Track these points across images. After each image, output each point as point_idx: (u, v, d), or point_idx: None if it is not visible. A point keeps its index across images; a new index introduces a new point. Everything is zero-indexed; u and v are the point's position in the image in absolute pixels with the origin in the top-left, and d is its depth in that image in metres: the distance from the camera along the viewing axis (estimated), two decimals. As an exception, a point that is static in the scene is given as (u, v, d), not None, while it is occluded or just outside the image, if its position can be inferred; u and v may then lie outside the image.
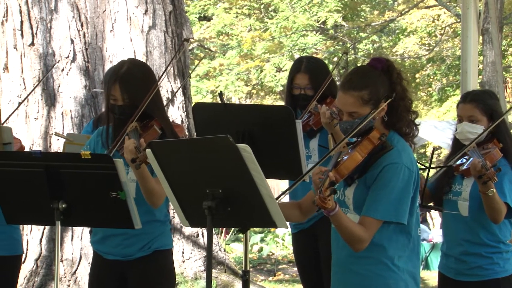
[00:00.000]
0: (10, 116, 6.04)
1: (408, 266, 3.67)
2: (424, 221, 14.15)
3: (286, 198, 4.55)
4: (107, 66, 7.62)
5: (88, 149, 4.27)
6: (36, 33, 7.87)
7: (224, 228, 11.67)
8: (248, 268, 4.25)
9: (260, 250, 11.92)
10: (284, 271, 10.67)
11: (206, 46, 23.70)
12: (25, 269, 7.52)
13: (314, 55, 21.24)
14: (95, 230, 4.35)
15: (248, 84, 23.33)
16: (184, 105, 8.15)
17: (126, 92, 4.15)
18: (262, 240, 12.38)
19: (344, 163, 3.55)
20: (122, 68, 4.21)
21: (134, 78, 4.19)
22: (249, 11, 22.83)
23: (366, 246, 3.56)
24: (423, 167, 4.65)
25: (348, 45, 22.25)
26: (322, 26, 22.25)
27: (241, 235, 12.11)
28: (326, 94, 5.11)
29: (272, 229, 12.25)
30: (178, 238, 7.89)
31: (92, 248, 4.41)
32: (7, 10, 7.96)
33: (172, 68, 8.08)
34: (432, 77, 23.93)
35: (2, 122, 5.42)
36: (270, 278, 10.16)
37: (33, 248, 7.67)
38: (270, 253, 11.84)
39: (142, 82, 4.22)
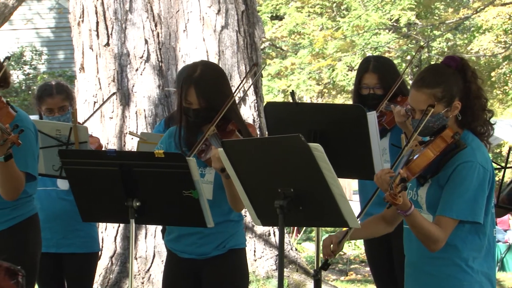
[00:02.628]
0: (90, 117, 6.17)
1: (483, 268, 3.61)
2: None
3: (356, 198, 4.51)
4: (180, 66, 7.69)
5: (161, 148, 4.31)
6: (111, 34, 7.99)
7: (296, 227, 11.66)
8: (319, 268, 4.23)
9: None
10: (356, 271, 10.61)
11: (278, 45, 23.72)
12: (100, 266, 7.64)
13: (386, 54, 21.07)
14: (170, 229, 4.38)
15: (320, 83, 23.26)
16: (256, 104, 8.17)
17: (202, 96, 4.14)
18: (334, 239, 12.31)
19: (415, 161, 3.52)
20: (195, 71, 4.19)
21: (208, 81, 4.18)
22: (321, 10, 22.75)
23: (442, 246, 3.52)
24: (498, 167, 4.57)
25: (422, 43, 22.00)
26: (395, 24, 22.04)
27: (313, 234, 12.10)
28: (396, 93, 5.07)
29: (344, 229, 12.17)
30: (250, 237, 7.92)
31: (167, 247, 4.45)
32: (83, 11, 8.10)
33: (244, 68, 8.11)
34: (508, 75, 23.48)
35: (82, 122, 5.52)
36: (342, 278, 10.11)
37: (108, 245, 7.79)
38: (342, 253, 11.77)
39: (216, 84, 4.22)
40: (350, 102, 5.11)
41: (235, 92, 4.28)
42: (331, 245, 3.69)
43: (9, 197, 4.31)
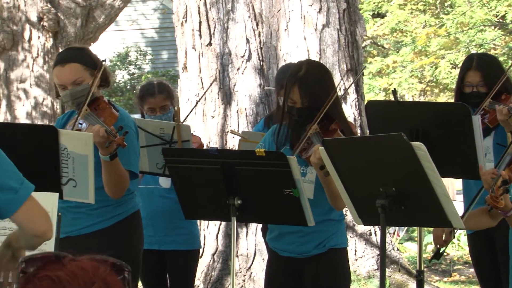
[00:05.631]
0: (189, 113, 6.24)
1: None
2: None
3: (459, 197, 4.41)
4: (281, 65, 7.71)
5: (262, 146, 4.33)
6: (213, 33, 8.07)
7: (394, 231, 11.54)
8: (422, 268, 4.18)
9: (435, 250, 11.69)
10: (460, 272, 10.41)
11: (379, 43, 23.52)
12: (203, 263, 7.74)
13: (492, 51, 20.61)
14: (271, 228, 4.41)
15: (422, 81, 22.93)
16: (357, 102, 8.12)
17: (305, 95, 4.15)
18: (436, 240, 12.14)
19: None
20: (300, 70, 4.20)
21: (313, 80, 4.18)
22: (424, 7, 22.42)
23: None
24: None
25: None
26: (501, 20, 21.53)
27: (415, 234, 11.94)
28: (500, 90, 4.96)
29: (447, 229, 11.98)
30: (350, 236, 7.88)
31: (268, 246, 4.47)
32: (186, 12, 8.22)
33: (345, 66, 8.08)
34: None
35: (183, 120, 5.60)
36: (445, 279, 9.95)
37: (210, 243, 7.88)
38: (445, 253, 11.58)
39: (321, 83, 4.21)
40: (453, 100, 5.03)
41: (332, 96, 4.22)
42: (443, 235, 3.64)
43: (115, 195, 4.40)
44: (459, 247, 11.96)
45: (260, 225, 7.31)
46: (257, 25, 8.07)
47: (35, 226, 2.96)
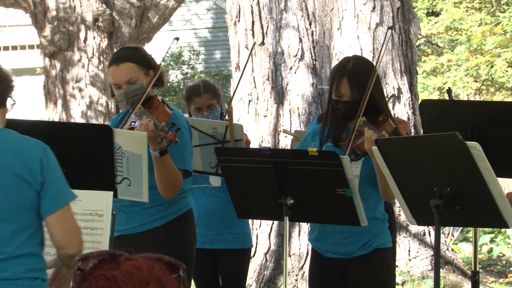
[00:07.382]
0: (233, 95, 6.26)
1: None
2: None
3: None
4: (334, 64, 7.68)
5: (314, 146, 4.31)
6: (266, 33, 8.08)
7: (451, 227, 11.41)
8: (477, 269, 4.13)
9: (490, 250, 11.54)
10: (515, 274, 10.26)
11: (433, 42, 23.30)
12: (255, 262, 7.75)
13: (549, 49, 20.25)
14: (312, 227, 4.38)
15: (477, 80, 22.66)
16: (410, 102, 8.05)
17: (355, 87, 4.13)
18: (492, 240, 11.98)
19: None
20: (348, 64, 4.20)
21: (362, 73, 4.16)
22: (480, 5, 22.15)
23: None
24: None
25: None
26: (558, 18, 21.15)
27: (470, 234, 11.82)
28: None
29: (503, 230, 11.83)
30: (404, 236, 7.82)
31: (311, 246, 4.44)
32: (239, 11, 8.24)
33: (399, 65, 8.02)
34: None
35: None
36: (501, 280, 9.82)
37: (262, 242, 7.89)
38: (501, 254, 11.43)
39: (369, 77, 4.19)
40: (510, 99, 4.95)
41: (367, 91, 4.15)
42: None
43: (168, 195, 4.40)
44: (515, 248, 11.80)
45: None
46: (310, 24, 8.06)
47: (57, 236, 3.18)
